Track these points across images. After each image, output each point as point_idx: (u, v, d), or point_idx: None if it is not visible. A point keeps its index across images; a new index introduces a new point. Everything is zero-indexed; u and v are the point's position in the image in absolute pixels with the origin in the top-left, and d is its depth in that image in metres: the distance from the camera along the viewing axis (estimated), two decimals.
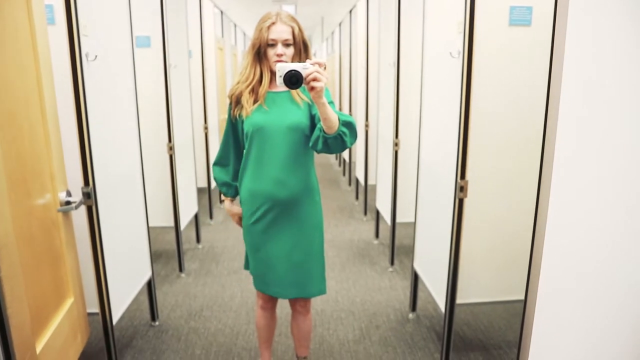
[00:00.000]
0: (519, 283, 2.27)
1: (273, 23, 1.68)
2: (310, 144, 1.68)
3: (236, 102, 1.78)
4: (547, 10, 1.99)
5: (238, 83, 1.79)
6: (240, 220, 1.93)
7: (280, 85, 1.52)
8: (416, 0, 2.71)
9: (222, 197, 1.98)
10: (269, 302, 2.00)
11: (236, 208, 1.94)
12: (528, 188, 2.15)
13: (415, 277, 2.68)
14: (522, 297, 2.26)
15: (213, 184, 4.76)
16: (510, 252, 2.23)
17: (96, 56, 1.91)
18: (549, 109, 1.25)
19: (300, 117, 1.71)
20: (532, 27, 2.03)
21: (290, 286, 1.84)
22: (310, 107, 1.72)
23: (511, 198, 2.17)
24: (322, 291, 1.90)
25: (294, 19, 1.71)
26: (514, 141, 2.12)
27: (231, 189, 1.93)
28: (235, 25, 7.18)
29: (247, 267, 1.96)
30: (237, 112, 1.79)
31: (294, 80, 1.49)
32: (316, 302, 2.91)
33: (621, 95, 1.26)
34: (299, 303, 1.96)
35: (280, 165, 1.73)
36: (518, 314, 2.68)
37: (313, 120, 1.71)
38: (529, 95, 2.06)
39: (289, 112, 1.72)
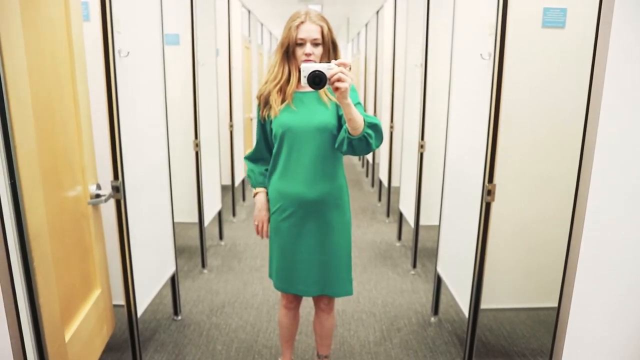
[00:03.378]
0: (544, 290, 2.23)
1: (302, 22, 1.67)
2: (336, 145, 1.67)
3: (265, 102, 1.78)
4: (582, 12, 1.97)
5: (266, 83, 1.78)
6: (262, 224, 1.89)
7: (304, 86, 1.51)
8: (446, 1, 2.68)
9: (256, 190, 1.91)
10: (294, 301, 2.00)
11: (265, 211, 1.89)
12: (556, 193, 2.11)
13: (439, 281, 2.65)
14: (547, 305, 2.23)
15: (237, 182, 4.79)
16: (536, 258, 2.19)
17: (128, 52, 1.94)
18: (590, 112, 1.21)
19: (328, 118, 1.70)
20: (565, 30, 1.99)
21: (315, 284, 1.84)
22: (337, 107, 1.71)
23: (539, 203, 2.13)
24: (347, 292, 1.89)
25: (323, 18, 1.70)
26: (543, 145, 2.08)
27: (267, 180, 1.89)
28: (261, 25, 7.22)
29: (272, 275, 1.95)
30: (265, 113, 1.78)
31: (317, 80, 1.48)
32: (337, 302, 2.90)
33: None
34: (323, 301, 1.95)
35: (308, 165, 1.73)
36: (543, 321, 2.65)
37: (341, 121, 1.70)
38: (560, 98, 2.02)
39: (316, 112, 1.72)
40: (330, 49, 1.72)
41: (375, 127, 1.58)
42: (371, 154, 6.14)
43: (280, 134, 1.74)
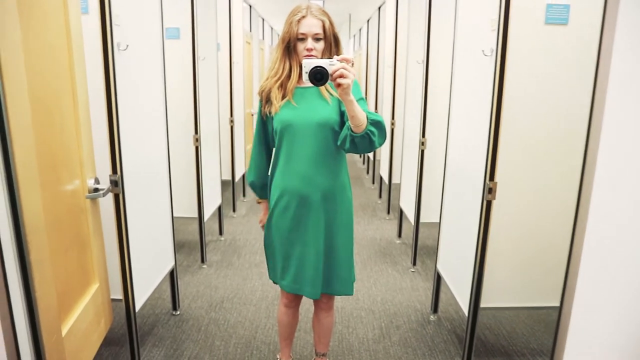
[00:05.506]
0: (544, 289, 2.22)
1: (303, 17, 1.64)
2: (338, 142, 1.64)
3: (266, 99, 1.76)
4: (585, 9, 1.95)
5: (267, 79, 1.76)
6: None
7: (306, 82, 1.49)
8: None
9: (261, 200, 1.96)
10: (294, 300, 1.97)
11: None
12: (558, 192, 2.10)
13: (438, 279, 2.64)
14: (548, 304, 2.22)
15: (237, 177, 4.79)
16: (536, 257, 2.18)
17: (127, 46, 1.93)
18: (594, 110, 1.19)
19: (329, 113, 1.68)
20: (568, 26, 1.97)
21: (319, 284, 1.81)
22: (339, 103, 1.68)
23: (540, 202, 2.12)
24: (347, 291, 1.86)
25: (325, 13, 1.68)
26: (545, 143, 2.06)
27: (265, 192, 1.91)
28: (263, 20, 7.20)
29: (272, 277, 1.92)
30: (267, 110, 1.76)
31: (319, 76, 1.46)
32: (337, 300, 2.88)
33: None
34: (323, 299, 1.93)
35: (309, 161, 1.70)
36: (542, 320, 2.64)
37: (343, 117, 1.68)
38: (563, 96, 2.01)
39: (317, 108, 1.69)
40: (332, 44, 1.69)
41: (378, 125, 1.54)
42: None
43: (280, 130, 1.72)
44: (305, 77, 1.48)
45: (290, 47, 1.69)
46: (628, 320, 1.33)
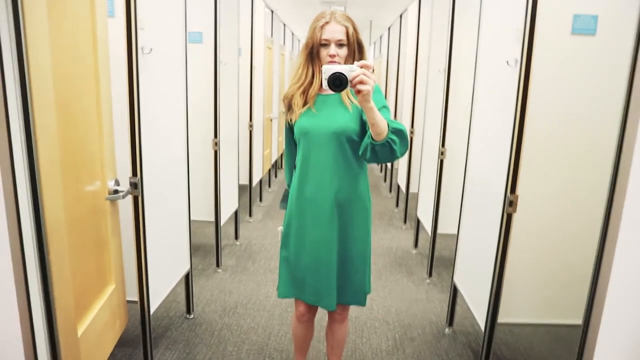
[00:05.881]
0: (565, 306, 2.17)
1: (327, 22, 1.63)
2: (360, 152, 1.59)
3: (289, 106, 1.75)
4: (613, 19, 1.91)
5: (291, 85, 1.75)
6: None
7: (326, 88, 1.46)
8: (472, 6, 2.63)
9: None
10: (306, 314, 1.91)
11: None
12: (582, 207, 2.04)
13: (454, 291, 2.60)
14: (567, 322, 2.16)
15: (254, 182, 4.80)
16: (557, 273, 2.12)
17: (151, 49, 1.95)
18: (628, 121, 1.16)
19: (347, 122, 1.65)
20: (596, 37, 1.92)
21: (334, 295, 1.77)
22: (361, 111, 1.64)
23: (562, 216, 2.07)
24: (359, 302, 1.84)
25: (349, 19, 1.66)
26: (569, 156, 2.01)
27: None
28: (284, 25, 7.24)
29: (283, 292, 1.86)
30: (289, 117, 1.76)
31: (337, 82, 1.43)
32: (350, 309, 2.87)
33: None
34: (337, 310, 1.89)
35: (324, 169, 1.68)
36: (561, 338, 2.58)
37: (364, 126, 1.64)
38: (589, 107, 1.96)
39: (336, 115, 1.67)
40: (355, 50, 1.67)
41: (400, 133, 1.50)
42: None
43: (298, 138, 1.71)
44: (324, 83, 1.46)
45: (313, 53, 1.68)
46: None
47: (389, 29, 6.62)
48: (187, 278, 2.64)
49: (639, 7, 1.32)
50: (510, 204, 1.90)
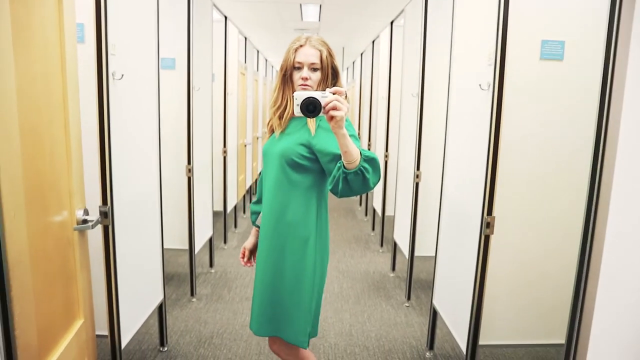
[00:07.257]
0: (544, 327, 2.17)
1: (301, 45, 1.63)
2: (330, 186, 1.52)
3: (271, 130, 1.75)
4: (580, 44, 1.97)
5: (270, 108, 1.74)
6: (242, 251, 1.93)
7: (297, 114, 1.42)
8: (443, 31, 2.69)
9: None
10: (272, 344, 1.79)
11: (251, 237, 1.91)
12: (558, 227, 2.07)
13: (434, 314, 2.58)
14: (547, 342, 2.16)
15: (229, 208, 4.73)
16: (536, 293, 2.13)
17: (122, 75, 1.91)
18: (607, 142, 1.18)
19: (291, 144, 1.61)
20: (564, 62, 1.99)
21: (267, 322, 1.69)
22: (312, 138, 1.59)
23: (539, 236, 2.09)
24: (300, 342, 1.66)
25: (324, 44, 1.65)
26: (543, 177, 2.05)
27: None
28: (258, 52, 7.28)
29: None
30: None
31: (311, 108, 1.39)
32: (329, 336, 2.81)
33: None
34: (280, 347, 1.75)
35: (269, 192, 1.68)
36: (542, 358, 2.57)
37: (309, 147, 1.60)
38: (560, 130, 2.01)
39: (291, 138, 1.64)
40: (328, 75, 1.65)
41: (372, 162, 1.46)
42: None
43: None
44: (296, 109, 1.42)
45: (286, 76, 1.67)
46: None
47: (361, 54, 6.73)
48: (161, 309, 2.54)
49: (605, 32, 1.37)
50: (487, 226, 1.91)
